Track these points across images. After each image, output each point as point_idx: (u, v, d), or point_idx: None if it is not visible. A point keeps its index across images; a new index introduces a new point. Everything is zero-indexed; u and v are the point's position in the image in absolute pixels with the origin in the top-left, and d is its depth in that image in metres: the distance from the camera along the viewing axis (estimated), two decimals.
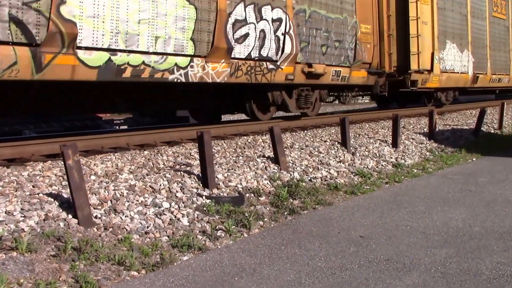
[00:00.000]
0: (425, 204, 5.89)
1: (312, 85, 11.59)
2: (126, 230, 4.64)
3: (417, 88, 14.78)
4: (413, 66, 14.41)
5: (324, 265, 4.04)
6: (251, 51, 9.47)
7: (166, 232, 4.75)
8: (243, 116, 11.02)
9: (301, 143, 8.96)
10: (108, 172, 6.03)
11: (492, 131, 12.87)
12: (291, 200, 5.99)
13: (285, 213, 5.61)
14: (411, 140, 10.37)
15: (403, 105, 17.62)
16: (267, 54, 9.84)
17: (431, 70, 15.00)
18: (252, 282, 3.73)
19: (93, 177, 5.72)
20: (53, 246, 4.10)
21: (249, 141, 9.02)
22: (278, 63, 10.12)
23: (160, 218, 4.97)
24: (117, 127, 14.04)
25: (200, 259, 4.23)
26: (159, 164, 6.74)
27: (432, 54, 15.09)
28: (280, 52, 10.11)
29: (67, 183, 4.80)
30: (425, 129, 11.61)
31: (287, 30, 10.22)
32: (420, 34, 14.49)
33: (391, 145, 9.56)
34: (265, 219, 5.36)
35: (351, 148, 8.82)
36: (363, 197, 6.39)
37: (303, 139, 9.48)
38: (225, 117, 13.68)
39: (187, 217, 5.11)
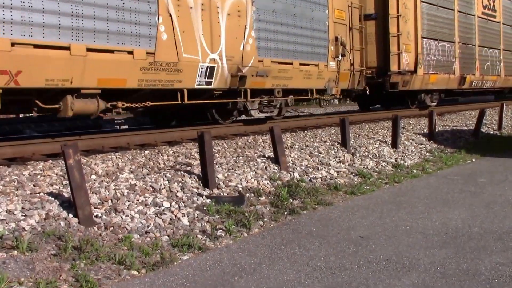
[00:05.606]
0: (425, 205, 5.90)
1: None
2: (127, 229, 4.65)
3: None
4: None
5: (323, 265, 4.05)
6: None
7: (166, 231, 4.76)
8: (241, 117, 11.14)
9: (301, 143, 8.98)
10: (108, 172, 6.04)
11: (492, 132, 12.88)
12: (291, 200, 6.00)
13: (285, 213, 5.63)
14: (410, 140, 10.39)
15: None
16: None
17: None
18: (252, 282, 3.74)
19: (93, 177, 5.73)
20: (54, 245, 4.12)
21: (249, 141, 9.04)
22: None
23: (160, 218, 4.98)
24: (118, 127, 14.04)
25: (200, 259, 4.24)
26: (159, 163, 6.76)
27: None
28: None
29: (68, 182, 4.82)
30: (425, 130, 11.62)
31: None
32: None
33: (391, 146, 9.57)
34: (265, 219, 5.38)
35: (351, 149, 8.84)
36: (362, 197, 6.40)
37: (303, 139, 9.49)
38: None
39: (187, 216, 5.12)
